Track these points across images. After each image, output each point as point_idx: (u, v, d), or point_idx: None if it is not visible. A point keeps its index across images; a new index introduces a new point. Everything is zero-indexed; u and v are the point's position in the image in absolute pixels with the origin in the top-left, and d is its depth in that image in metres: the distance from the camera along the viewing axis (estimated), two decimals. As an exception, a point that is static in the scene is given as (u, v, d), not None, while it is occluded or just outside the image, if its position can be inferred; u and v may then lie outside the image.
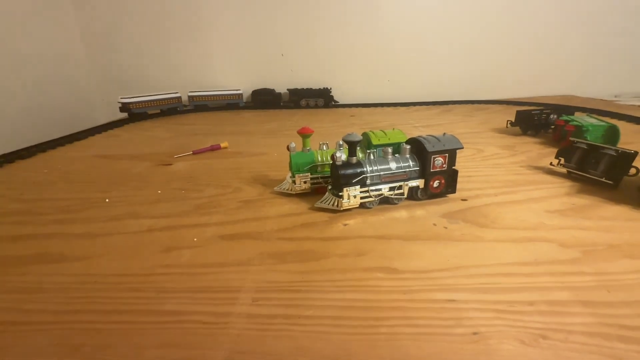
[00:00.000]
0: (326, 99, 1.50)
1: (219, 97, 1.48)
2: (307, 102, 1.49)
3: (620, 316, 0.31)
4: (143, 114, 1.34)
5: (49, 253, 0.44)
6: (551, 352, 0.28)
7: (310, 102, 1.50)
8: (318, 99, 1.50)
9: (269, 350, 0.28)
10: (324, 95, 1.50)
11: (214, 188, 0.63)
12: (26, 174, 0.74)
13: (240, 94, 1.50)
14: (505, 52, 1.56)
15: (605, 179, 0.57)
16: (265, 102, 1.52)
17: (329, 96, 1.51)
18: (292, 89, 1.52)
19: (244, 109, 1.51)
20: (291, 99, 1.52)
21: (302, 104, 1.50)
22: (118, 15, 1.49)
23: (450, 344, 0.29)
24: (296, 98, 1.50)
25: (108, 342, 0.30)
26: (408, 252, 0.42)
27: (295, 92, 1.51)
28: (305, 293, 0.35)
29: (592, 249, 0.41)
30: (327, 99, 1.50)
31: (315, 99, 1.49)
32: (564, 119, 0.84)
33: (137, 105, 1.32)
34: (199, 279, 0.38)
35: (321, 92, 1.50)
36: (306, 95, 1.50)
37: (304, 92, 1.51)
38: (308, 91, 1.51)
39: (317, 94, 1.50)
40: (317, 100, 1.50)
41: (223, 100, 1.49)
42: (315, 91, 1.51)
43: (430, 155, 0.51)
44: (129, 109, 1.30)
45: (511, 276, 0.37)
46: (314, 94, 1.50)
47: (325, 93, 1.50)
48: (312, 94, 1.50)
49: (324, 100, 1.50)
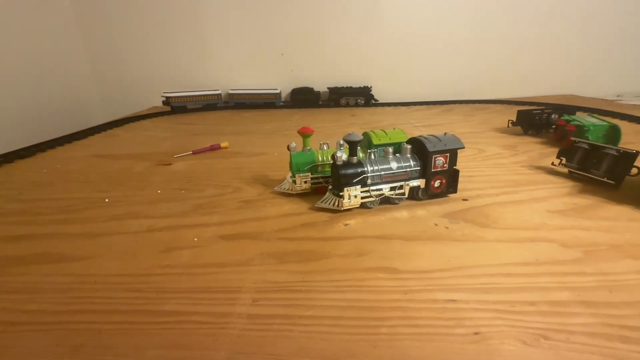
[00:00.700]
0: (367, 97, 1.48)
1: (257, 96, 1.49)
2: (347, 100, 1.48)
3: (621, 317, 0.31)
4: (183, 107, 1.43)
5: (48, 253, 0.44)
6: (552, 352, 0.28)
7: (350, 101, 1.48)
8: (358, 98, 1.48)
9: (270, 351, 0.28)
10: (364, 93, 1.48)
11: (214, 188, 0.63)
12: (25, 173, 0.74)
13: (278, 93, 1.50)
14: (506, 51, 1.56)
15: (607, 179, 0.56)
16: (303, 101, 1.51)
17: (369, 94, 1.49)
18: (332, 87, 1.51)
19: (281, 107, 1.51)
20: (331, 97, 1.51)
21: (342, 102, 1.49)
22: (118, 15, 1.49)
23: (451, 344, 0.28)
24: (336, 97, 1.49)
25: (108, 343, 0.30)
26: (409, 252, 0.42)
27: (335, 90, 1.50)
28: (306, 293, 0.35)
29: (593, 249, 0.41)
30: (367, 97, 1.48)
31: (356, 98, 1.48)
32: (565, 118, 0.83)
33: (177, 99, 1.41)
34: (199, 279, 0.37)
35: (361, 90, 1.48)
36: (346, 93, 1.48)
37: (344, 90, 1.49)
38: (348, 90, 1.49)
39: (357, 92, 1.48)
40: (357, 99, 1.48)
41: (261, 99, 1.50)
42: (355, 89, 1.49)
43: (431, 155, 0.51)
44: (170, 103, 1.40)
45: (512, 276, 0.37)
46: (354, 92, 1.48)
47: (366, 91, 1.48)
48: (353, 93, 1.48)
49: (364, 99, 1.48)
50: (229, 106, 1.51)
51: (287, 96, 1.59)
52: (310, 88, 1.53)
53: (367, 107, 1.48)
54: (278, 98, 1.51)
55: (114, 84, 1.59)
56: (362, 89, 1.48)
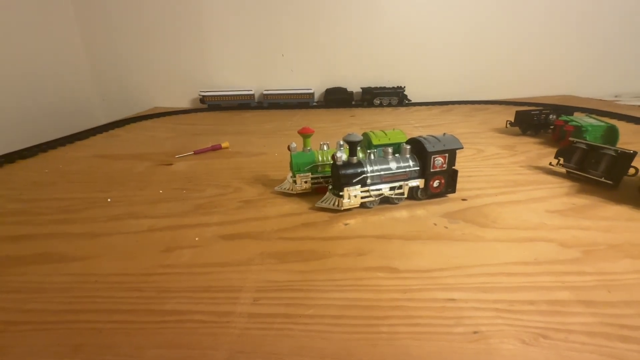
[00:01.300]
0: (400, 97, 1.48)
1: (291, 96, 1.50)
2: (381, 100, 1.48)
3: (620, 316, 0.31)
4: (217, 106, 1.49)
5: (49, 253, 0.44)
6: (552, 351, 0.28)
7: (384, 101, 1.48)
8: (392, 98, 1.48)
9: (270, 350, 0.28)
10: (397, 93, 1.48)
11: (214, 188, 0.63)
12: (27, 173, 0.74)
13: (311, 93, 1.50)
14: (504, 52, 1.56)
15: (605, 179, 0.57)
16: (336, 101, 1.51)
17: (402, 95, 1.49)
18: (366, 87, 1.50)
19: (315, 107, 1.51)
20: (363, 97, 1.50)
21: (375, 102, 1.48)
22: (119, 15, 1.49)
23: (451, 343, 0.29)
24: (369, 97, 1.49)
25: (109, 342, 0.30)
26: (408, 251, 0.42)
27: (368, 91, 1.49)
28: (306, 292, 0.35)
29: (592, 248, 0.41)
30: (400, 97, 1.48)
31: (389, 98, 1.48)
32: (563, 119, 0.84)
33: (212, 98, 1.48)
34: (200, 278, 0.38)
35: (395, 90, 1.48)
36: (379, 94, 1.48)
37: (377, 90, 1.48)
38: (381, 90, 1.49)
39: (390, 92, 1.48)
40: (390, 99, 1.48)
41: (295, 99, 1.51)
42: (388, 90, 1.48)
43: (431, 155, 0.51)
44: (205, 101, 1.48)
45: (511, 276, 0.37)
46: (388, 92, 1.48)
47: (399, 92, 1.48)
48: (386, 93, 1.48)
49: (397, 99, 1.48)
50: (262, 106, 1.52)
51: (321, 96, 1.59)
52: (343, 88, 1.52)
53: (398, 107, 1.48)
54: (311, 98, 1.51)
55: (115, 84, 1.59)
56: (395, 89, 1.48)
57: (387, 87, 1.50)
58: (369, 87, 1.50)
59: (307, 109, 1.49)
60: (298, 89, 1.52)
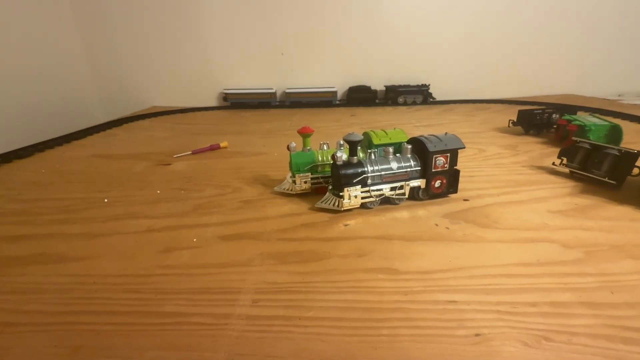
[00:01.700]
0: (424, 95, 1.47)
1: (314, 94, 1.50)
2: (405, 99, 1.46)
3: (623, 318, 0.31)
4: (240, 104, 1.52)
5: (47, 253, 0.44)
6: (554, 354, 0.27)
7: (408, 99, 1.46)
8: (416, 96, 1.46)
9: (269, 352, 0.28)
10: (422, 91, 1.46)
11: (213, 188, 0.63)
12: (24, 173, 0.74)
13: (334, 92, 1.50)
14: (506, 50, 1.55)
15: (608, 179, 0.56)
16: (360, 100, 1.50)
17: (427, 93, 1.47)
18: (389, 85, 1.49)
19: (337, 106, 1.50)
20: (387, 96, 1.49)
21: (399, 101, 1.47)
22: (118, 14, 1.49)
23: (452, 346, 0.28)
24: (393, 95, 1.48)
25: (107, 344, 0.30)
26: (409, 252, 0.41)
27: (392, 89, 1.48)
28: (306, 294, 0.35)
29: (595, 249, 0.41)
30: (425, 95, 1.47)
31: (414, 96, 1.46)
32: (566, 118, 0.83)
33: (235, 96, 1.51)
34: (199, 279, 0.37)
35: (419, 88, 1.46)
36: (404, 92, 1.47)
37: (401, 88, 1.47)
38: (406, 88, 1.47)
39: (415, 90, 1.46)
40: (415, 97, 1.46)
41: (317, 98, 1.50)
42: (413, 88, 1.47)
43: (432, 155, 0.51)
44: (228, 99, 1.52)
45: (513, 277, 0.36)
46: (412, 90, 1.46)
47: (424, 90, 1.46)
48: (410, 91, 1.47)
49: (422, 97, 1.46)
50: (284, 105, 1.52)
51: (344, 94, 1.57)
52: (367, 86, 1.50)
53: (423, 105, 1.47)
54: (334, 96, 1.50)
55: (113, 83, 1.58)
56: (419, 87, 1.47)
57: (411, 85, 1.48)
58: (393, 85, 1.49)
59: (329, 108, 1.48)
60: (321, 88, 1.52)
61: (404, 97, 1.47)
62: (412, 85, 1.48)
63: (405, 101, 1.47)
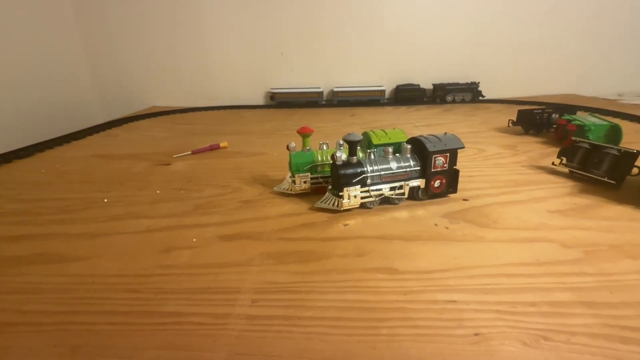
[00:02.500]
0: (474, 94, 1.46)
1: (362, 93, 1.49)
2: (454, 97, 1.45)
3: (622, 317, 0.31)
4: (287, 103, 1.53)
5: (47, 253, 0.44)
6: (553, 353, 0.27)
7: (457, 97, 1.45)
8: (465, 94, 1.45)
9: (269, 352, 0.28)
10: (471, 89, 1.45)
11: (213, 188, 0.63)
12: (24, 173, 0.74)
13: (382, 90, 1.49)
14: (506, 50, 1.55)
15: (607, 178, 0.56)
16: (408, 98, 1.49)
17: (476, 91, 1.46)
18: (437, 84, 1.48)
19: (385, 105, 1.50)
20: (436, 94, 1.48)
21: (447, 99, 1.46)
22: (117, 14, 1.49)
23: (451, 345, 0.28)
24: (441, 93, 1.47)
25: (107, 343, 0.30)
26: (409, 252, 0.41)
27: (440, 87, 1.47)
28: (305, 294, 0.35)
29: (594, 249, 0.41)
30: (474, 94, 1.46)
31: (462, 94, 1.45)
32: (566, 118, 0.83)
33: (282, 95, 1.51)
34: (198, 279, 0.37)
35: (468, 86, 1.45)
36: (452, 90, 1.46)
37: (450, 87, 1.46)
38: (454, 86, 1.46)
39: (464, 88, 1.45)
40: (464, 95, 1.45)
41: (365, 97, 1.50)
42: (462, 86, 1.46)
43: (431, 154, 0.51)
44: (275, 98, 1.52)
45: (512, 277, 0.36)
46: (461, 88, 1.45)
47: (473, 88, 1.45)
48: (459, 89, 1.45)
49: (471, 95, 1.45)
50: (331, 104, 1.52)
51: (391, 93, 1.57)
52: (415, 85, 1.50)
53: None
54: (382, 95, 1.49)
55: (113, 83, 1.58)
56: (469, 85, 1.45)
57: (460, 83, 1.47)
58: (442, 83, 1.48)
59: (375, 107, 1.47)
60: (369, 87, 1.50)
61: (452, 95, 1.46)
62: (461, 83, 1.47)
63: (454, 99, 1.46)
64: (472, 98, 1.47)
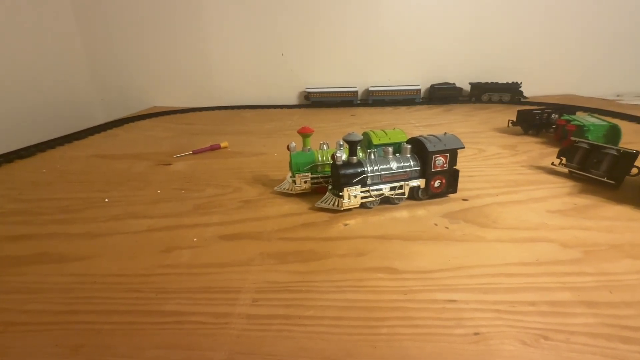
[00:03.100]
0: (513, 94, 1.37)
1: (397, 93, 1.48)
2: (490, 97, 1.39)
3: (622, 317, 0.31)
4: (321, 102, 1.52)
5: (48, 253, 0.44)
6: (552, 352, 0.28)
7: (494, 97, 1.38)
8: (503, 94, 1.38)
9: (269, 351, 0.28)
10: (511, 90, 1.37)
11: (213, 188, 0.63)
12: (25, 173, 0.74)
13: (418, 90, 1.47)
14: (505, 50, 1.55)
15: (607, 178, 0.56)
16: (444, 98, 1.46)
17: (517, 91, 1.38)
18: (475, 82, 1.44)
19: (420, 104, 1.48)
20: (472, 93, 1.43)
21: (483, 99, 1.40)
22: (118, 15, 1.49)
23: (451, 345, 0.28)
24: (477, 93, 1.41)
25: (107, 343, 0.30)
26: (409, 252, 0.42)
27: (477, 86, 1.41)
28: (306, 293, 0.35)
29: (593, 249, 0.41)
30: (514, 94, 1.37)
31: (500, 94, 1.38)
32: (565, 118, 0.83)
33: (317, 94, 1.51)
34: (199, 279, 0.37)
35: (508, 86, 1.37)
36: (490, 89, 1.40)
37: (488, 86, 1.40)
38: (493, 85, 1.40)
39: (503, 88, 1.38)
40: (501, 96, 1.38)
41: (400, 96, 1.49)
42: (501, 85, 1.39)
43: (431, 154, 0.51)
44: (310, 97, 1.52)
45: (512, 276, 0.37)
46: (500, 88, 1.38)
47: (514, 87, 1.37)
48: (497, 89, 1.39)
49: (510, 96, 1.37)
50: (366, 103, 1.51)
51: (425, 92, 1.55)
52: (451, 84, 1.47)
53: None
54: (418, 94, 1.47)
55: (114, 83, 1.58)
56: (509, 85, 1.38)
57: (499, 83, 1.41)
58: (479, 83, 1.44)
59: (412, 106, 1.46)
60: (404, 86, 1.49)
61: (489, 94, 1.40)
62: (500, 83, 1.40)
63: (490, 99, 1.40)
64: (510, 99, 1.39)
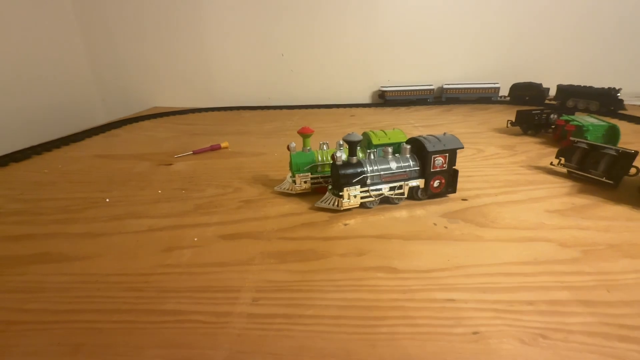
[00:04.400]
0: (605, 102, 1.10)
1: (473, 90, 1.43)
2: (576, 103, 1.16)
3: (620, 316, 0.31)
4: (395, 101, 1.49)
5: (49, 253, 0.44)
6: (551, 351, 0.28)
7: (580, 104, 1.15)
8: (591, 102, 1.13)
9: (270, 350, 0.28)
10: (603, 97, 1.11)
11: (214, 188, 0.63)
12: (26, 174, 0.74)
13: (496, 88, 1.41)
14: (504, 51, 1.56)
15: (605, 178, 0.57)
16: (524, 99, 1.33)
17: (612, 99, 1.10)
18: (564, 85, 1.22)
19: (496, 103, 1.41)
20: (557, 96, 1.25)
21: (568, 104, 1.19)
22: (119, 15, 1.49)
23: (450, 344, 0.29)
24: (563, 96, 1.21)
25: (108, 342, 0.30)
26: (408, 251, 0.42)
27: (564, 89, 1.21)
28: (306, 293, 0.35)
29: (592, 248, 0.41)
30: (607, 103, 1.10)
31: (587, 101, 1.13)
32: (564, 118, 0.84)
33: (392, 93, 1.48)
34: (200, 278, 0.38)
35: (601, 93, 1.12)
36: (577, 94, 1.17)
37: (577, 90, 1.17)
38: (583, 90, 1.15)
39: (592, 94, 1.13)
40: (589, 103, 1.13)
41: (477, 94, 1.43)
42: (593, 91, 1.13)
43: (431, 155, 0.51)
44: (385, 96, 1.48)
45: (511, 276, 0.37)
46: (590, 94, 1.13)
47: (608, 95, 1.10)
48: (587, 94, 1.14)
49: (598, 104, 1.11)
50: (440, 101, 1.48)
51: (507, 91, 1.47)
52: (536, 84, 1.31)
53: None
54: (496, 93, 1.41)
55: (115, 84, 1.59)
56: (603, 91, 1.12)
57: (594, 88, 1.15)
58: (571, 85, 1.21)
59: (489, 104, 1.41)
60: (482, 83, 1.43)
61: (574, 100, 1.17)
62: (594, 89, 1.14)
63: (576, 106, 1.16)
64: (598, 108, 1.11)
